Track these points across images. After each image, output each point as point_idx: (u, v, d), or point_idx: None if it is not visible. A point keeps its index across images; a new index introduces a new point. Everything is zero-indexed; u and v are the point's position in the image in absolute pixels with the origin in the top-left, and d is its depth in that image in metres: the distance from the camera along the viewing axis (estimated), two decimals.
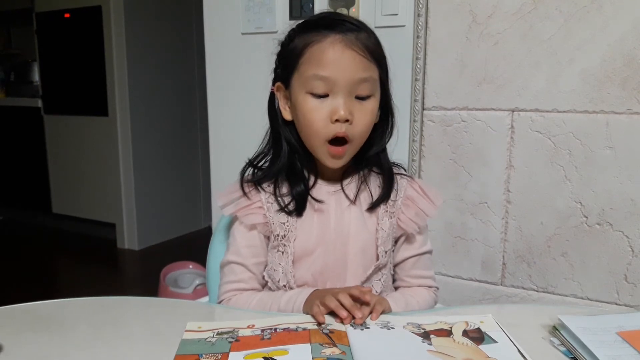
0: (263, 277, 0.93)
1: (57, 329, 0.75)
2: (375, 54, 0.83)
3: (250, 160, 0.93)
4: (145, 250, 3.38)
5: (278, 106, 0.90)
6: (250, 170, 0.93)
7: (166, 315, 0.80)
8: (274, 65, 0.91)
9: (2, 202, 4.06)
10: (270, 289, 0.93)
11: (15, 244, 3.56)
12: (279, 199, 0.88)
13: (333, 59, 0.80)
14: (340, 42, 0.80)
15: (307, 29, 0.84)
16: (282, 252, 0.89)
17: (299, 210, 0.88)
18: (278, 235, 0.89)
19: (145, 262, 3.22)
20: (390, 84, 0.90)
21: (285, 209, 0.88)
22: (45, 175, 3.73)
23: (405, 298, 0.91)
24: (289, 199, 0.88)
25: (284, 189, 0.89)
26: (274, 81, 0.90)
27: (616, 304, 1.36)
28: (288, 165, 0.89)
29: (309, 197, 0.89)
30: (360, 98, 0.83)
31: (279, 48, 0.89)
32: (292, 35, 0.87)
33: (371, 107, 0.85)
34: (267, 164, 0.92)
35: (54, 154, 3.68)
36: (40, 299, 0.83)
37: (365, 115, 0.84)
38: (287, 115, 0.89)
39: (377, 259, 0.90)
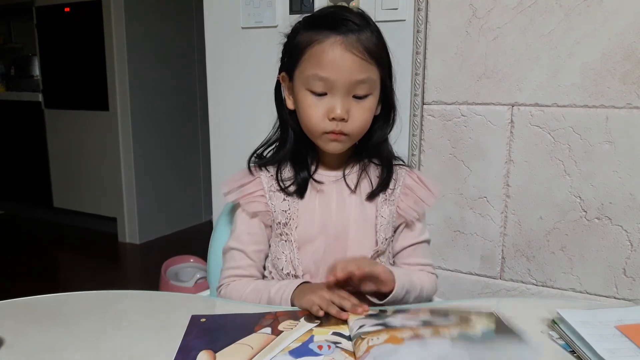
0: (265, 266, 0.95)
1: (59, 323, 0.75)
2: (375, 55, 0.84)
3: (258, 147, 0.96)
4: (146, 244, 3.39)
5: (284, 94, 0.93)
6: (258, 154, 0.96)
7: (168, 309, 0.81)
8: (280, 55, 0.93)
9: (3, 196, 4.06)
10: (273, 279, 0.94)
11: (17, 238, 3.57)
12: (281, 182, 0.91)
13: (332, 60, 0.81)
14: (340, 44, 0.81)
15: (311, 27, 0.85)
16: (286, 240, 0.91)
17: (300, 193, 0.91)
18: (280, 222, 0.91)
19: (146, 256, 3.23)
20: (394, 79, 0.91)
21: (286, 190, 0.91)
22: (46, 169, 3.73)
23: (406, 270, 0.93)
24: (291, 182, 0.91)
25: (286, 174, 0.92)
26: (280, 70, 0.92)
27: (615, 297, 1.37)
28: (293, 151, 0.92)
29: (311, 180, 0.91)
30: (358, 97, 0.85)
31: (285, 39, 0.91)
32: (296, 29, 0.88)
33: (369, 105, 0.86)
34: (271, 152, 0.95)
35: (54, 149, 3.69)
36: (42, 293, 0.84)
37: (362, 112, 0.85)
38: (290, 104, 0.91)
39: (376, 244, 0.92)
